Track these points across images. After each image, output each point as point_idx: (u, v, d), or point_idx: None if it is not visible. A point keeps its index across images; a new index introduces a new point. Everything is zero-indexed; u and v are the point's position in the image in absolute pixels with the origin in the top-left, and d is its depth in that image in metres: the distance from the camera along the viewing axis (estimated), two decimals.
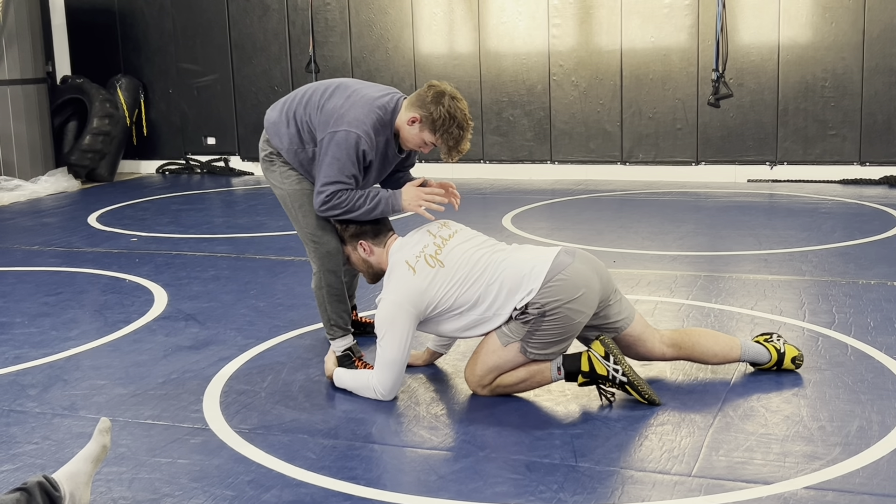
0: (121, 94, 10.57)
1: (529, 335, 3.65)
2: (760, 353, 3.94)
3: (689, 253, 6.20)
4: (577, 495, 2.98)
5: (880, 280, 5.32)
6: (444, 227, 3.91)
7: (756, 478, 3.06)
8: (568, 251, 3.78)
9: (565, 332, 3.65)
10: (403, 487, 3.09)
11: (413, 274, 3.69)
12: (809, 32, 8.77)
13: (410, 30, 9.87)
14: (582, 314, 3.65)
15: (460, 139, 3.85)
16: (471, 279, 3.68)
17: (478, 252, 3.76)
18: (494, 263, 3.71)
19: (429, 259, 3.71)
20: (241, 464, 3.27)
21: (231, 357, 4.39)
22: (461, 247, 3.77)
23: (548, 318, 3.61)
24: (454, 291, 3.67)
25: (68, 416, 3.74)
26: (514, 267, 3.68)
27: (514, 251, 3.81)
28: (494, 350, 3.71)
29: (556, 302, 3.59)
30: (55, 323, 5.03)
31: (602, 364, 3.62)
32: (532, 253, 3.78)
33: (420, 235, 3.86)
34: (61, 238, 7.30)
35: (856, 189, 8.41)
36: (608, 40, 9.31)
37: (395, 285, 3.72)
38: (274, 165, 4.12)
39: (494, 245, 3.85)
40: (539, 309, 3.60)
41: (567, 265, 3.66)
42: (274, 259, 6.31)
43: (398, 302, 3.67)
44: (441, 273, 3.68)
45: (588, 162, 9.54)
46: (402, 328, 3.67)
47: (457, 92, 3.88)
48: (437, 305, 3.69)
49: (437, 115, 3.80)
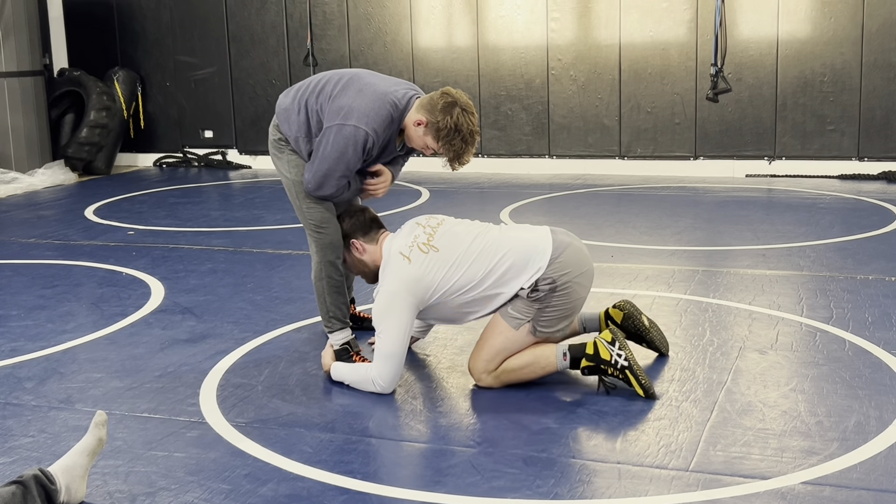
0: (118, 86, 10.54)
1: (540, 312, 3.71)
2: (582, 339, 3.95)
3: (687, 248, 6.19)
4: (574, 490, 2.97)
5: (878, 275, 5.31)
6: (432, 218, 3.95)
7: (753, 473, 3.06)
8: (557, 230, 3.87)
9: (572, 306, 3.77)
10: (400, 482, 3.08)
11: (408, 263, 3.70)
12: (808, 27, 8.75)
13: (409, 23, 9.85)
14: (586, 289, 3.80)
15: (462, 152, 3.86)
16: (469, 258, 3.72)
17: (470, 233, 3.81)
18: (493, 241, 3.77)
19: (422, 246, 3.73)
20: (238, 457, 3.27)
21: (228, 350, 4.38)
22: (453, 230, 3.83)
23: (558, 293, 3.69)
24: (454, 273, 3.70)
25: (64, 409, 3.73)
26: (517, 244, 3.75)
27: (507, 230, 3.89)
28: (502, 331, 3.74)
29: (566, 276, 3.69)
30: (51, 316, 5.01)
31: (606, 348, 3.67)
32: (530, 232, 3.86)
33: (410, 227, 3.88)
34: (58, 231, 7.29)
35: (854, 184, 8.41)
36: (607, 34, 9.29)
37: (391, 276, 3.72)
38: (282, 153, 4.13)
39: (485, 225, 3.91)
40: (550, 284, 3.68)
41: (568, 244, 3.77)
42: (271, 252, 6.29)
43: (395, 291, 3.68)
44: (436, 257, 3.71)
45: (586, 156, 9.53)
46: (401, 318, 3.67)
47: (470, 104, 3.87)
48: (437, 289, 3.71)
49: (444, 125, 3.80)
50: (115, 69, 10.67)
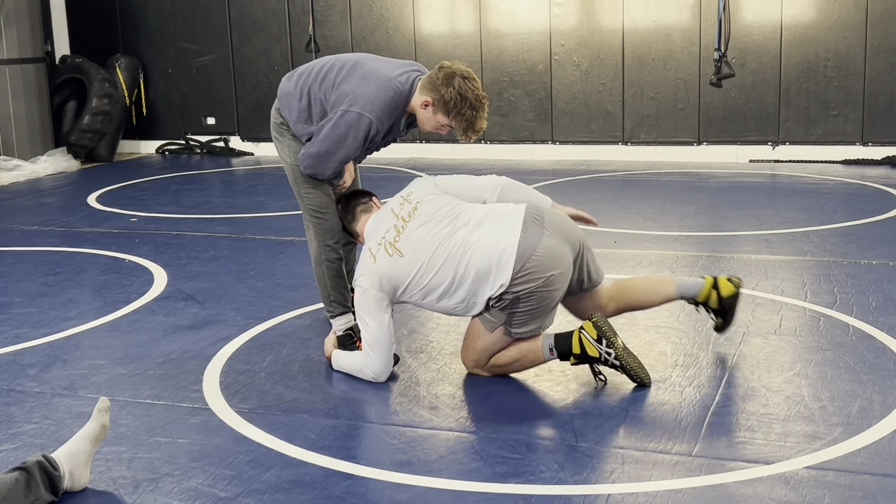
0: (120, 73, 10.52)
1: (510, 318, 3.65)
2: (695, 282, 3.96)
3: (690, 233, 6.18)
4: (578, 475, 2.97)
5: (882, 260, 5.30)
6: (407, 201, 3.81)
7: (757, 457, 3.05)
8: (536, 216, 3.67)
9: (543, 308, 3.65)
10: (403, 467, 3.08)
11: (374, 262, 3.70)
12: (812, 12, 8.72)
13: (411, 9, 9.82)
14: (557, 290, 3.65)
15: (474, 119, 3.81)
16: (434, 265, 3.64)
17: (438, 235, 3.66)
18: (458, 248, 3.62)
19: (388, 248, 3.70)
20: (241, 443, 3.27)
21: (231, 337, 4.38)
22: (419, 231, 3.69)
23: (523, 302, 3.61)
24: (419, 277, 3.65)
25: (67, 396, 3.74)
26: (480, 253, 3.60)
27: (476, 226, 3.66)
28: (480, 335, 3.73)
29: (528, 288, 3.58)
30: (54, 303, 5.02)
31: (594, 346, 3.59)
32: (497, 228, 3.64)
33: (385, 215, 3.82)
34: (60, 218, 7.29)
35: (858, 169, 8.38)
36: (610, 20, 9.26)
37: (360, 271, 3.74)
38: (283, 137, 4.12)
39: (456, 219, 3.71)
40: (513, 295, 3.60)
41: (536, 245, 3.58)
42: (274, 239, 6.29)
43: (365, 288, 3.69)
44: (399, 262, 3.66)
45: (589, 142, 9.51)
46: (376, 311, 3.67)
47: (469, 71, 3.82)
48: (405, 290, 3.68)
49: (449, 97, 3.76)
50: (117, 56, 10.66)
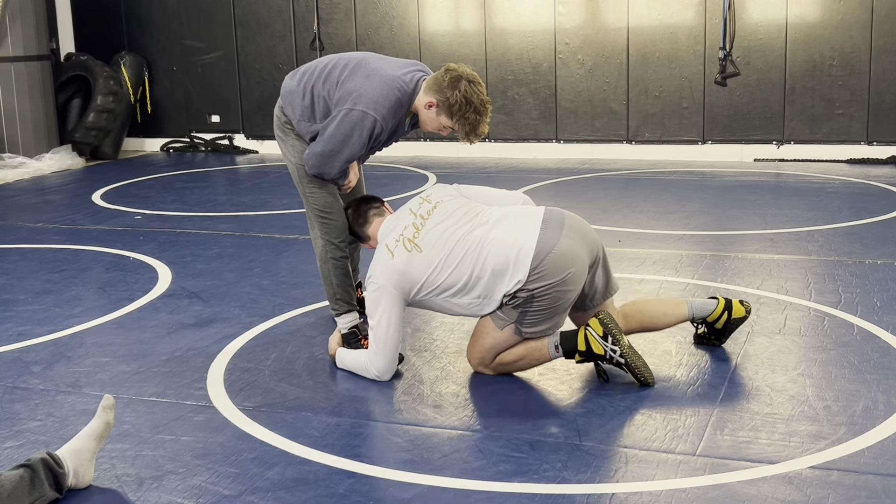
0: (125, 71, 10.53)
1: (522, 316, 3.65)
2: (707, 304, 3.95)
3: (694, 232, 6.18)
4: (581, 474, 2.97)
5: (887, 260, 5.29)
6: (426, 201, 3.85)
7: (761, 457, 3.05)
8: (554, 219, 3.68)
9: (556, 309, 3.65)
10: (407, 466, 3.08)
11: (392, 258, 3.69)
12: (817, 10, 8.70)
13: (415, 7, 9.81)
14: (572, 291, 3.65)
15: (477, 124, 3.82)
16: (452, 262, 3.65)
17: (457, 232, 3.69)
18: (476, 245, 3.64)
19: (406, 244, 3.70)
20: (245, 441, 3.27)
21: (235, 335, 4.38)
22: (438, 227, 3.71)
23: (537, 300, 3.61)
24: (437, 274, 3.65)
25: (72, 393, 3.74)
26: (498, 249, 3.61)
27: (495, 224, 3.69)
28: (489, 332, 3.73)
29: (543, 287, 3.58)
30: (59, 300, 5.02)
31: (599, 344, 3.60)
32: (516, 227, 3.66)
33: (403, 214, 3.84)
34: (65, 215, 7.30)
35: (863, 168, 8.37)
36: (615, 18, 9.25)
37: (376, 268, 3.73)
38: (287, 136, 4.13)
39: (475, 218, 3.74)
40: (528, 293, 3.60)
41: (554, 244, 3.59)
42: (278, 237, 6.29)
43: (380, 284, 3.68)
44: (419, 257, 3.67)
45: (594, 141, 9.50)
46: (388, 310, 3.67)
47: (475, 75, 3.83)
48: (422, 287, 3.68)
49: (454, 100, 3.76)
50: (122, 54, 10.66)
